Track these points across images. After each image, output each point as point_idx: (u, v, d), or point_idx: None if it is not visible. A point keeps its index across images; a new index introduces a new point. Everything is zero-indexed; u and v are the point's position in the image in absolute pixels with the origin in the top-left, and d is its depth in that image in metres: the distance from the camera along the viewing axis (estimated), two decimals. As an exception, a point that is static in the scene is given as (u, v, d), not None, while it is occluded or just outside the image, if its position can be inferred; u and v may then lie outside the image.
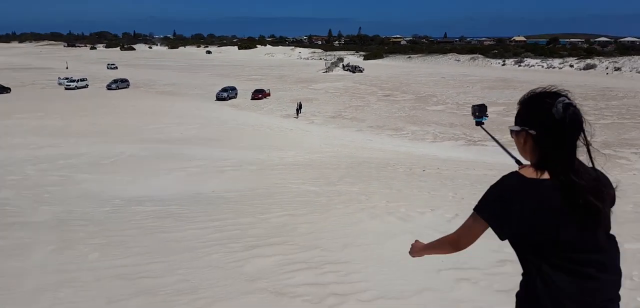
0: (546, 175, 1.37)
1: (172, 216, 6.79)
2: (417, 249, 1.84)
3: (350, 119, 36.04)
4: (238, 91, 48.43)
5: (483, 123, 2.06)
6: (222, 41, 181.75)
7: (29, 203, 8.63)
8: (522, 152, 1.53)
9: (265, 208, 7.13)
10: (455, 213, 6.23)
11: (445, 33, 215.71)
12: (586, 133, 1.44)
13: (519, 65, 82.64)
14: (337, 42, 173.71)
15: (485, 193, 1.45)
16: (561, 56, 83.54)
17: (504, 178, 1.43)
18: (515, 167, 1.48)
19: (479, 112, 2.06)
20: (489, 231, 1.48)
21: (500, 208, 1.38)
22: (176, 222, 6.38)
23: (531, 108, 1.47)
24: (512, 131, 1.54)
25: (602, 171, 1.49)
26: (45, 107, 36.94)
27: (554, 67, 77.38)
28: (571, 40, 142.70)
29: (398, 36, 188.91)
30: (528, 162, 1.47)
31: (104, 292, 3.65)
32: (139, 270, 4.16)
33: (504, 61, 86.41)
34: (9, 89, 47.26)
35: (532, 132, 1.43)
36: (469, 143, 27.92)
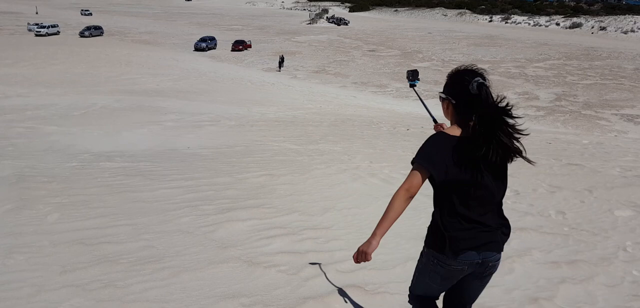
0: (459, 133, 1.76)
1: (142, 174, 6.39)
2: (371, 245, 1.82)
3: (334, 74, 35.39)
4: (217, 42, 46.85)
5: (415, 85, 2.42)
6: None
7: (-11, 157, 8.05)
8: (445, 114, 1.93)
9: (243, 168, 6.79)
10: (441, 175, 6.04)
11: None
12: (495, 108, 1.71)
13: (506, 23, 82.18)
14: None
15: (420, 148, 1.81)
16: (548, 14, 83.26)
17: (432, 136, 1.83)
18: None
19: (412, 76, 2.47)
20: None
21: (432, 157, 1.75)
22: (146, 180, 5.99)
23: (454, 83, 1.83)
24: (440, 97, 1.90)
25: (507, 136, 1.75)
26: (14, 55, 35.09)
27: (541, 25, 77.24)
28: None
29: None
30: (446, 121, 1.92)
31: (59, 259, 3.31)
32: (101, 234, 3.82)
33: (491, 17, 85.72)
34: None
35: (453, 101, 1.82)
36: (453, 101, 27.85)
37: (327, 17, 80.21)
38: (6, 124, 13.43)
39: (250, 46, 46.77)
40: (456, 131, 1.78)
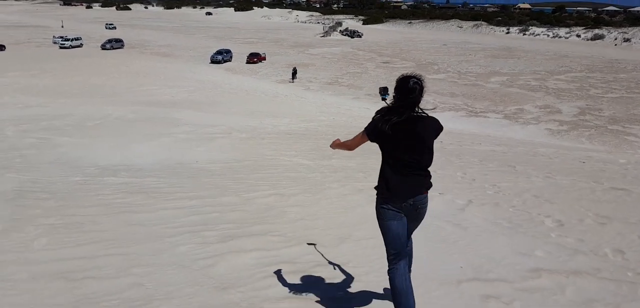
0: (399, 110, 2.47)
1: (144, 191, 6.00)
2: (336, 144, 2.94)
3: (347, 86, 34.99)
4: (233, 54, 47.04)
5: (386, 99, 2.64)
6: (219, 2, 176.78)
7: (-7, 170, 7.81)
8: (395, 101, 2.50)
9: (251, 185, 6.35)
10: (469, 199, 5.47)
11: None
12: (422, 98, 2.47)
13: (524, 34, 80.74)
14: (335, 5, 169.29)
15: (370, 122, 2.52)
16: (568, 25, 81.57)
17: (382, 109, 2.53)
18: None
19: (383, 92, 2.74)
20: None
21: (376, 131, 2.48)
22: (148, 198, 5.60)
23: (401, 83, 2.48)
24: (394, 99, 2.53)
25: (433, 116, 2.53)
26: (38, 66, 35.79)
27: (560, 37, 75.64)
28: (578, 8, 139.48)
29: (399, 1, 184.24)
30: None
31: (32, 299, 2.89)
32: (88, 265, 3.41)
33: (508, 29, 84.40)
34: (4, 46, 46.72)
35: (398, 95, 2.47)
36: (470, 114, 27.08)
37: (340, 29, 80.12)
38: (20, 134, 13.33)
39: (264, 58, 46.82)
40: (397, 110, 2.49)
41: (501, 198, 5.66)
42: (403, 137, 2.39)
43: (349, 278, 3.29)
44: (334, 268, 3.42)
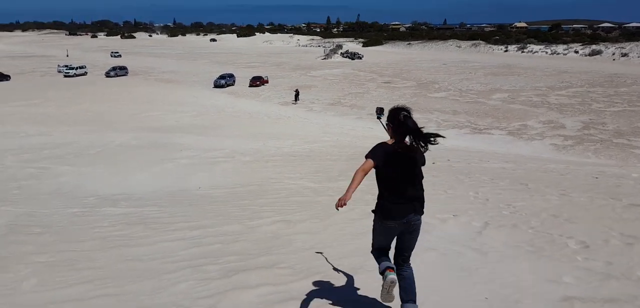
0: (394, 144, 2.77)
1: (144, 222, 5.74)
2: (346, 197, 2.77)
3: (349, 106, 34.91)
4: (236, 78, 47.29)
5: (380, 118, 3.10)
6: (221, 29, 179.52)
7: (-11, 202, 7.58)
8: (388, 132, 2.85)
9: (255, 212, 6.08)
10: (485, 221, 5.17)
11: (445, 19, 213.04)
12: (413, 129, 2.73)
13: (522, 52, 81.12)
14: (335, 29, 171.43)
15: (372, 149, 2.76)
16: (565, 42, 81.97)
17: (379, 144, 2.81)
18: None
19: (379, 112, 3.16)
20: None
21: (376, 156, 2.72)
22: (147, 230, 5.33)
23: (392, 114, 2.81)
24: (387, 124, 2.87)
25: (420, 147, 2.78)
26: (43, 95, 35.95)
27: (559, 53, 75.93)
28: (574, 26, 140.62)
29: (397, 23, 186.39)
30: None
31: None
32: (79, 308, 3.12)
33: (506, 47, 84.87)
34: (9, 76, 47.05)
35: (391, 125, 2.81)
36: (474, 131, 26.84)
37: (341, 52, 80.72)
38: (20, 164, 13.13)
39: (267, 82, 47.03)
40: (392, 142, 2.77)
41: (518, 219, 5.37)
42: (398, 166, 2.74)
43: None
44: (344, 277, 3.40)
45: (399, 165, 2.70)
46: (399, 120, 2.72)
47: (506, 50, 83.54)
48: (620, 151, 21.33)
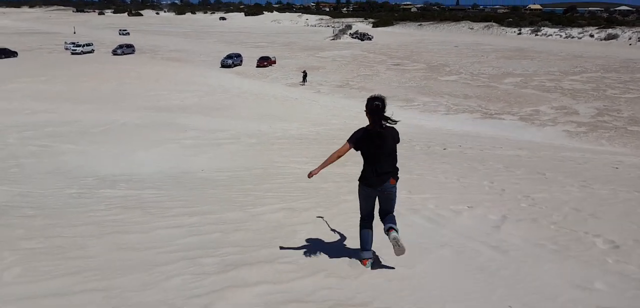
0: (368, 126, 3.35)
1: (142, 206, 5.47)
2: (313, 171, 3.58)
3: (358, 89, 34.34)
4: (243, 58, 46.78)
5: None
6: (229, 7, 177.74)
7: (-15, 181, 7.37)
8: (368, 117, 3.35)
9: (258, 198, 5.79)
10: (502, 214, 4.82)
11: (458, 0, 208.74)
12: (385, 114, 3.31)
13: (536, 35, 79.28)
14: (345, 8, 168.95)
15: (352, 134, 3.39)
16: (580, 25, 79.85)
17: (359, 128, 3.40)
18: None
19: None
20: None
21: (352, 139, 3.37)
22: (145, 215, 5.06)
23: (367, 102, 3.34)
24: (365, 110, 3.40)
25: (393, 125, 3.37)
26: (49, 72, 35.82)
27: (573, 37, 74.06)
28: (590, 9, 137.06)
29: (408, 3, 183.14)
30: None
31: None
32: (59, 304, 2.86)
33: (520, 30, 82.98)
34: (16, 53, 47.07)
35: (367, 111, 3.33)
36: (485, 116, 26.26)
37: (350, 32, 79.51)
38: (22, 141, 12.96)
39: (274, 62, 46.47)
40: (369, 125, 3.37)
41: (538, 213, 5.01)
42: (374, 145, 3.33)
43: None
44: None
45: (372, 143, 3.32)
46: (371, 107, 3.29)
47: (519, 33, 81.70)
48: (635, 139, 20.72)
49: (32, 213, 5.25)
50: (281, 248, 3.87)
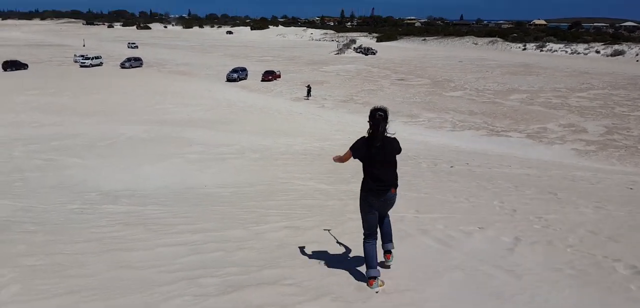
0: (369, 135, 3.50)
1: (144, 223, 5.37)
2: (334, 157, 3.95)
3: (362, 104, 34.32)
4: (248, 72, 47.06)
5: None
6: (235, 21, 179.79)
7: (-12, 195, 7.32)
8: (370, 127, 3.47)
9: (262, 215, 5.67)
10: (515, 236, 4.66)
11: (462, 15, 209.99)
12: (387, 124, 3.47)
13: (541, 50, 79.25)
14: (349, 23, 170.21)
15: (355, 142, 3.55)
16: (585, 41, 79.75)
17: (360, 138, 3.56)
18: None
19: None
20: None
21: (353, 148, 3.54)
22: (147, 232, 4.96)
23: (371, 113, 3.47)
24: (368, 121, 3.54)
25: (394, 136, 3.53)
26: (58, 84, 36.12)
27: (579, 53, 73.97)
28: (595, 24, 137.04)
29: (412, 18, 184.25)
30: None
31: None
32: (57, 328, 2.75)
33: (524, 45, 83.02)
34: (26, 65, 47.74)
35: (370, 122, 3.47)
36: (492, 133, 26.06)
37: (354, 47, 79.93)
38: (28, 155, 12.96)
39: (279, 76, 46.69)
40: (370, 134, 3.50)
41: (553, 235, 4.85)
42: (375, 155, 3.44)
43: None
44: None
45: (372, 152, 3.44)
46: (373, 117, 3.43)
47: (524, 49, 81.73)
48: (645, 159, 20.41)
49: (33, 228, 5.17)
50: (284, 269, 3.74)
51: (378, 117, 3.39)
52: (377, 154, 3.42)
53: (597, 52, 72.27)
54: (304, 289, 3.34)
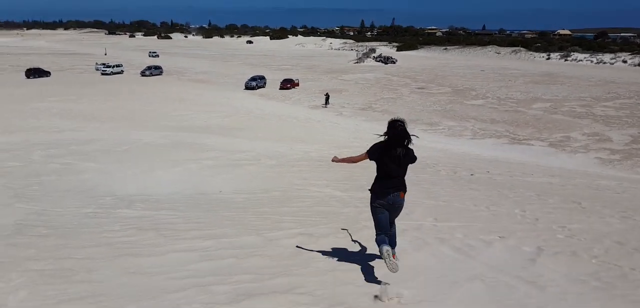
0: (384, 142, 3.66)
1: (157, 228, 5.33)
2: (334, 159, 4.29)
3: (381, 112, 34.07)
4: (267, 80, 47.40)
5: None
6: (255, 31, 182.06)
7: (7, 197, 7.44)
8: (389, 138, 3.62)
9: (276, 222, 5.56)
10: (537, 246, 4.43)
11: (484, 25, 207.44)
12: (409, 137, 3.59)
13: (566, 60, 77.44)
14: (369, 32, 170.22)
15: (371, 146, 3.71)
16: (612, 51, 77.53)
17: (377, 142, 3.71)
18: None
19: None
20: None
21: (369, 151, 3.70)
22: (159, 237, 4.91)
23: (390, 124, 3.63)
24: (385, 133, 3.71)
25: (412, 147, 3.65)
26: (79, 92, 37.13)
27: (605, 63, 71.95)
28: (622, 34, 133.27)
29: (433, 27, 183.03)
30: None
31: None
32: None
33: (548, 55, 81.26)
34: (49, 73, 49.30)
35: (389, 132, 3.61)
36: (513, 141, 25.47)
37: (374, 56, 79.78)
38: (46, 159, 13.21)
39: (298, 84, 46.87)
40: (387, 141, 3.65)
41: (577, 245, 4.59)
42: (390, 160, 3.59)
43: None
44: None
45: (385, 158, 3.59)
46: (392, 127, 3.58)
47: (548, 58, 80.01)
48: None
49: (45, 232, 5.18)
50: (297, 277, 3.62)
51: (399, 128, 3.54)
52: (393, 162, 3.59)
53: (624, 61, 70.18)
54: (316, 298, 3.20)
